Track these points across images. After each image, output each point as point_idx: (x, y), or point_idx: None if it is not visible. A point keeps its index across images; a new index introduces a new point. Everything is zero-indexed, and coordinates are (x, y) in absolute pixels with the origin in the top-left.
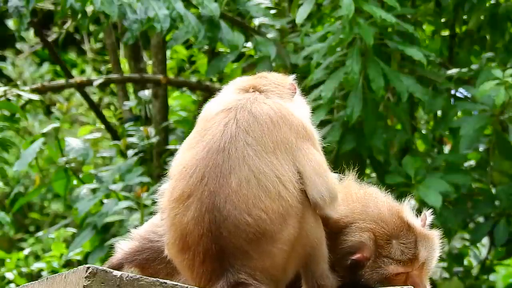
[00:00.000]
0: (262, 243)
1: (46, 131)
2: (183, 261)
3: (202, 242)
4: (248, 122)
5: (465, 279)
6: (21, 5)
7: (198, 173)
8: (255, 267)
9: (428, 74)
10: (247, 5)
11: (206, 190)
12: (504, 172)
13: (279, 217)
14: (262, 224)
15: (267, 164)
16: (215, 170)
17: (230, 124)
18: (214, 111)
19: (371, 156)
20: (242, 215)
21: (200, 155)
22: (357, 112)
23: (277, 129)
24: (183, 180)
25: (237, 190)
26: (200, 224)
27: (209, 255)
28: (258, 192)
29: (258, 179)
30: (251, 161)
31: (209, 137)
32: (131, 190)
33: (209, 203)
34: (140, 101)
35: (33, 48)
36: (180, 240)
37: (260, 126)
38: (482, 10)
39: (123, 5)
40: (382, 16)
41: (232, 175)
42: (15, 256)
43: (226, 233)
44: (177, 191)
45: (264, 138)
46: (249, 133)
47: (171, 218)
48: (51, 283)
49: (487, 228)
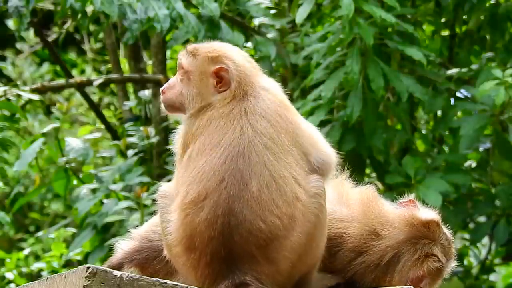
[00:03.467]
0: (271, 249)
1: (46, 131)
2: (187, 260)
3: (211, 244)
4: (262, 124)
5: (465, 279)
6: (21, 5)
7: (217, 177)
8: (261, 271)
9: (428, 74)
10: (247, 5)
11: (225, 193)
12: (504, 172)
13: (291, 221)
14: (274, 230)
15: (285, 167)
16: (236, 175)
17: (245, 128)
18: (221, 115)
19: (371, 156)
20: (256, 221)
21: (219, 160)
22: (357, 112)
23: (284, 120)
24: (199, 183)
25: (257, 196)
26: (212, 226)
27: (217, 257)
28: (277, 197)
29: (277, 184)
30: (271, 166)
31: (226, 143)
32: (131, 190)
33: (226, 207)
34: (140, 101)
35: (33, 48)
36: (188, 240)
37: (274, 127)
38: (482, 10)
39: (123, 5)
40: (382, 16)
41: (253, 180)
42: (15, 256)
43: (238, 238)
44: (192, 193)
45: (280, 137)
46: (266, 135)
47: (182, 217)
48: (51, 283)
49: (487, 228)
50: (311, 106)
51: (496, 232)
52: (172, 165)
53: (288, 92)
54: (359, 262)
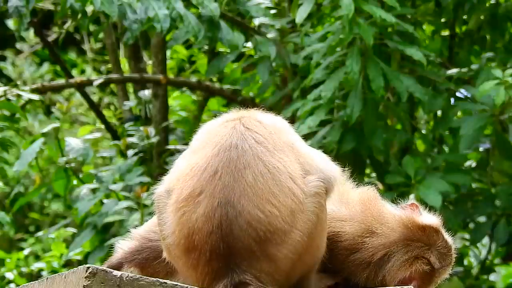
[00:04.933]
0: (270, 244)
1: (46, 131)
2: (187, 261)
3: (210, 240)
4: (255, 125)
5: (465, 279)
6: (21, 5)
7: (210, 169)
8: (261, 270)
9: (428, 74)
10: (247, 5)
11: (220, 184)
12: (504, 172)
13: (290, 214)
14: (274, 222)
15: (279, 161)
16: (230, 165)
17: (237, 126)
18: (216, 124)
19: (371, 156)
20: (255, 211)
21: (211, 153)
22: (357, 112)
23: (281, 132)
24: (193, 178)
25: (253, 184)
26: (210, 220)
27: (216, 253)
28: (273, 186)
29: (272, 173)
30: (264, 157)
31: (218, 138)
32: (131, 190)
33: (222, 197)
34: (140, 101)
35: (33, 48)
36: (186, 240)
37: (266, 128)
38: (482, 10)
39: (123, 5)
40: (382, 16)
41: (247, 169)
42: (15, 256)
43: (236, 230)
44: (187, 189)
45: (272, 137)
46: (258, 132)
47: (178, 217)
48: (51, 283)
49: (487, 228)
50: (311, 106)
51: (496, 232)
52: None
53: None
54: (352, 260)
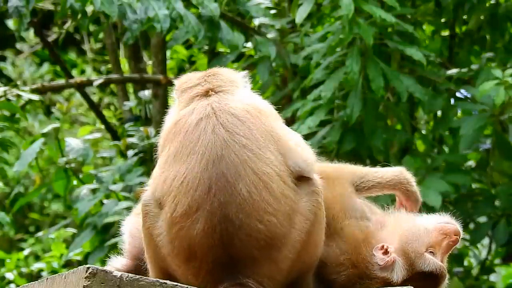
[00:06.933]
0: (272, 249)
1: (46, 131)
2: (187, 270)
3: (212, 252)
4: (233, 123)
5: (465, 280)
6: (21, 5)
7: (203, 186)
8: (263, 274)
9: (428, 74)
10: (247, 5)
11: (216, 201)
12: (504, 172)
13: (287, 218)
14: (273, 229)
15: (266, 163)
16: (221, 180)
17: (217, 129)
18: (190, 121)
19: (371, 156)
20: (254, 222)
21: (199, 167)
22: (357, 112)
23: (257, 120)
24: (186, 195)
25: (247, 198)
26: (211, 236)
27: (218, 263)
28: (266, 195)
29: (263, 181)
30: (252, 163)
31: (202, 147)
32: (131, 191)
33: (220, 215)
34: (140, 101)
35: (33, 48)
36: (186, 250)
37: (245, 124)
38: (482, 10)
39: (123, 5)
40: (382, 16)
41: (239, 182)
42: (15, 256)
43: (238, 242)
44: (181, 207)
45: (253, 134)
46: (239, 133)
47: (175, 231)
48: (51, 283)
49: (487, 228)
50: (311, 106)
51: (496, 233)
52: None
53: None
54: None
